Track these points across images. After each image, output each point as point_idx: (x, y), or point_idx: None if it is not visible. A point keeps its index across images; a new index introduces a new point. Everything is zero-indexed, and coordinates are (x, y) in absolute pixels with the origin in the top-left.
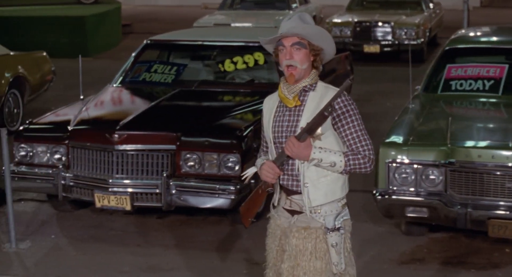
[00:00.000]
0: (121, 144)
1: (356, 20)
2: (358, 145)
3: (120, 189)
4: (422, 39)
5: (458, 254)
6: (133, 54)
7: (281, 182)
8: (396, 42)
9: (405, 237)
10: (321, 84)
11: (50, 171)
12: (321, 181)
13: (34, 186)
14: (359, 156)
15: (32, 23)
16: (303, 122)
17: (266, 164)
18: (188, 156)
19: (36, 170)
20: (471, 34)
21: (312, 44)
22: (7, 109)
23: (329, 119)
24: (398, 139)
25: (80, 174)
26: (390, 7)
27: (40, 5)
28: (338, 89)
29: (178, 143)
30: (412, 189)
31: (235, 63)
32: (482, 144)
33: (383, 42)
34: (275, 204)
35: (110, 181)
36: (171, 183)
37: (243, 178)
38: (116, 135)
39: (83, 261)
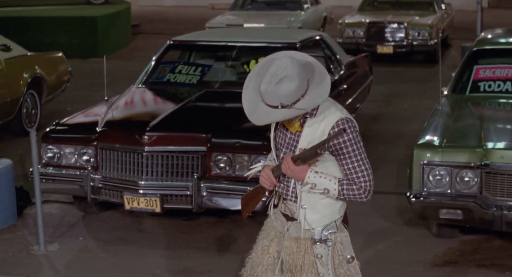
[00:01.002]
0: (151, 145)
1: (368, 20)
2: (354, 175)
3: (150, 191)
4: (435, 40)
5: (491, 256)
6: (156, 55)
7: (277, 189)
8: (409, 43)
9: (436, 239)
10: (323, 106)
11: (78, 173)
12: (318, 204)
13: (62, 188)
14: (354, 187)
15: (43, 24)
16: (299, 147)
17: (265, 171)
18: (219, 157)
19: (64, 172)
20: (498, 35)
21: None
22: (25, 110)
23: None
24: (432, 141)
25: (109, 175)
26: (401, 8)
27: (49, 5)
28: (338, 116)
29: (208, 145)
30: (446, 191)
31: None
32: None
33: (396, 43)
34: (275, 202)
35: (140, 182)
36: (202, 185)
37: (246, 174)
38: (146, 137)
39: (113, 264)
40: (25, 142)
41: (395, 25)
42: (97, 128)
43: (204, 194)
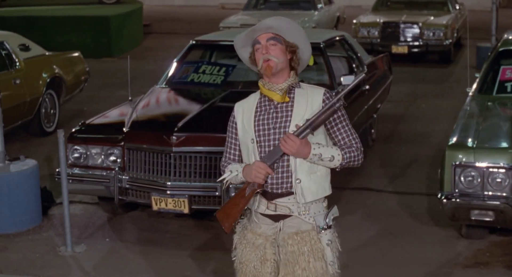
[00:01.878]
0: (179, 146)
1: (383, 20)
2: (350, 137)
3: (178, 192)
4: (450, 40)
5: None
6: (179, 55)
7: (269, 181)
8: (424, 43)
9: (465, 240)
10: (303, 84)
11: (105, 173)
12: (312, 178)
13: (88, 189)
14: (353, 148)
15: (56, 23)
16: (295, 118)
17: (256, 164)
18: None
19: (90, 172)
20: None
21: (287, 41)
22: (44, 110)
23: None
24: (463, 142)
25: (136, 176)
26: (415, 8)
27: (61, 5)
28: (322, 88)
29: None
30: (478, 192)
31: None
32: None
33: (411, 43)
34: (255, 207)
35: (168, 183)
36: (231, 186)
37: (223, 183)
38: (174, 137)
39: (142, 265)
40: (44, 142)
41: (410, 25)
42: (123, 129)
43: (233, 195)
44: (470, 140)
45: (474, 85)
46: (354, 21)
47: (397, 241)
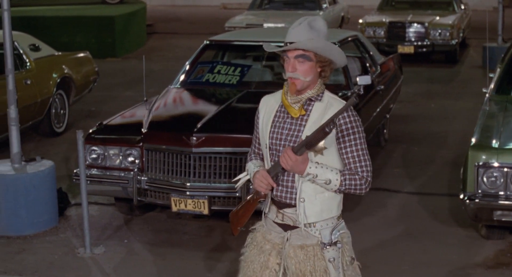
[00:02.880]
0: (198, 146)
1: (389, 20)
2: (358, 165)
3: (198, 193)
4: (456, 40)
5: None
6: (193, 55)
7: (274, 193)
8: (431, 43)
9: (485, 241)
10: (327, 95)
11: (123, 174)
12: (318, 198)
13: (106, 190)
14: (356, 177)
15: (60, 23)
16: (305, 133)
17: (260, 173)
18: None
19: (108, 173)
20: None
21: (319, 55)
22: (54, 110)
23: (333, 134)
24: (486, 142)
25: (155, 177)
26: (420, 8)
27: (64, 5)
28: (344, 102)
29: None
30: (501, 193)
31: None
32: None
33: (417, 43)
34: (266, 211)
35: (188, 184)
36: (251, 187)
37: (235, 186)
38: (193, 138)
39: (163, 267)
40: (55, 142)
41: (416, 25)
42: (142, 130)
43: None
44: (492, 140)
45: (491, 86)
46: (360, 21)
47: (417, 242)
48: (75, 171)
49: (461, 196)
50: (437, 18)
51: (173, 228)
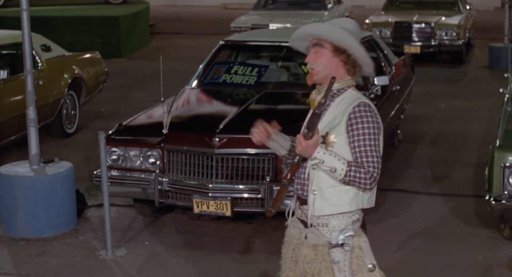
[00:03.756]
0: (221, 147)
1: (395, 20)
2: (364, 159)
3: (221, 194)
4: (463, 40)
5: None
6: (209, 55)
7: (295, 187)
8: (437, 43)
9: (507, 242)
10: (351, 91)
11: (145, 175)
12: (330, 191)
13: (127, 191)
14: (362, 170)
15: (64, 23)
16: (322, 124)
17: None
18: (290, 160)
19: (128, 174)
20: None
21: (336, 45)
22: (65, 111)
23: (343, 126)
24: (511, 143)
25: (177, 178)
26: (425, 8)
27: (67, 5)
28: (359, 100)
29: None
30: None
31: None
32: None
33: (424, 43)
34: (293, 207)
35: (210, 186)
36: (274, 188)
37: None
38: (216, 139)
39: (186, 269)
40: (66, 143)
41: (422, 25)
42: (162, 131)
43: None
44: None
45: (511, 86)
46: (367, 21)
47: (440, 243)
48: (95, 172)
49: (487, 197)
50: (443, 18)
51: (194, 230)
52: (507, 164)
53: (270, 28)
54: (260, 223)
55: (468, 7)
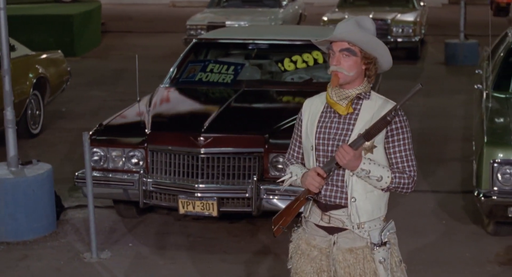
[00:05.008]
0: (207, 147)
1: (351, 17)
2: (405, 164)
3: (207, 194)
4: (419, 37)
5: None
6: (182, 53)
7: (322, 193)
8: (394, 39)
9: (491, 237)
10: (375, 95)
11: (127, 176)
12: (368, 196)
13: (110, 192)
14: (405, 176)
15: (17, 22)
16: (356, 132)
17: (313, 172)
18: (276, 158)
19: (110, 175)
20: None
21: (364, 52)
22: (30, 111)
23: (383, 133)
24: (501, 139)
25: (161, 179)
26: (379, 5)
27: (18, 3)
28: (393, 102)
29: (266, 146)
30: None
31: (294, 62)
32: None
33: (380, 40)
34: (306, 215)
35: (196, 185)
36: (261, 187)
37: (281, 188)
38: (202, 138)
39: (175, 271)
40: (33, 144)
41: (379, 22)
42: (145, 130)
43: (264, 196)
44: (506, 137)
45: (488, 82)
46: (324, 18)
47: (426, 240)
48: (76, 173)
49: (476, 193)
50: (399, 15)
51: (176, 231)
52: (497, 160)
53: (227, 26)
54: (243, 223)
55: (422, 3)
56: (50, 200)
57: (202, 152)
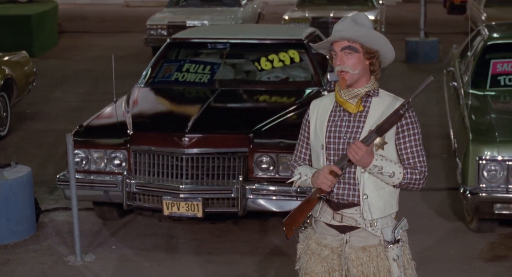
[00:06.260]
0: (191, 147)
1: (312, 16)
2: (416, 159)
3: (192, 195)
4: None
5: None
6: (157, 53)
7: (335, 191)
8: None
9: (474, 234)
10: (383, 92)
11: (111, 178)
12: (380, 193)
13: (93, 194)
14: (416, 171)
15: None
16: (366, 130)
17: (325, 170)
18: (261, 158)
19: (92, 177)
20: (509, 29)
21: (366, 47)
22: None
23: (393, 129)
24: (486, 136)
25: (145, 180)
26: (338, 3)
27: None
28: (403, 100)
29: (251, 145)
30: (502, 186)
31: (271, 61)
32: None
33: None
34: (316, 215)
35: (181, 186)
36: (247, 187)
37: (293, 186)
38: (186, 139)
39: (162, 273)
40: (2, 146)
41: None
42: (127, 131)
43: (249, 196)
44: (491, 134)
45: (464, 79)
46: (285, 17)
47: (410, 238)
48: (58, 175)
49: (462, 190)
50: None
51: (159, 232)
52: (483, 157)
53: (188, 25)
54: (225, 223)
55: (380, 2)
56: (30, 202)
57: (186, 152)
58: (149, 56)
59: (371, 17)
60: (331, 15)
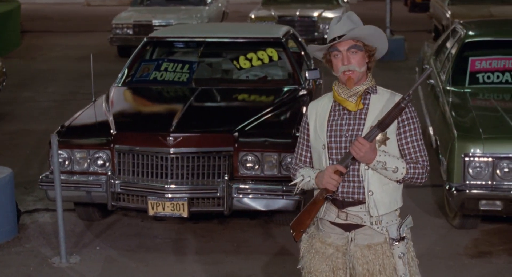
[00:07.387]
0: (176, 146)
1: (278, 14)
2: (418, 154)
3: (177, 195)
4: None
5: None
6: (134, 53)
7: (340, 190)
8: (321, 36)
9: (457, 230)
10: (381, 88)
11: (93, 178)
12: (384, 189)
13: (76, 195)
14: (419, 165)
15: None
16: (367, 126)
17: (329, 170)
18: (246, 157)
19: (76, 178)
20: (485, 27)
21: (367, 45)
22: None
23: (394, 124)
24: (471, 133)
25: (129, 180)
26: (303, 2)
27: None
28: (399, 95)
29: (236, 144)
30: (487, 182)
31: (250, 60)
32: None
33: (308, 36)
34: (321, 214)
35: (166, 186)
36: (233, 186)
37: (296, 189)
38: (171, 138)
39: (149, 273)
40: None
41: (305, 19)
42: (110, 131)
43: (235, 195)
44: (475, 131)
45: (442, 77)
46: (251, 15)
47: None
48: (41, 176)
49: (447, 187)
50: (325, 12)
51: (142, 232)
52: (468, 154)
53: (154, 24)
54: (209, 223)
55: (345, 0)
56: (11, 204)
57: (171, 152)
58: (115, 55)
59: (337, 15)
60: (297, 13)
